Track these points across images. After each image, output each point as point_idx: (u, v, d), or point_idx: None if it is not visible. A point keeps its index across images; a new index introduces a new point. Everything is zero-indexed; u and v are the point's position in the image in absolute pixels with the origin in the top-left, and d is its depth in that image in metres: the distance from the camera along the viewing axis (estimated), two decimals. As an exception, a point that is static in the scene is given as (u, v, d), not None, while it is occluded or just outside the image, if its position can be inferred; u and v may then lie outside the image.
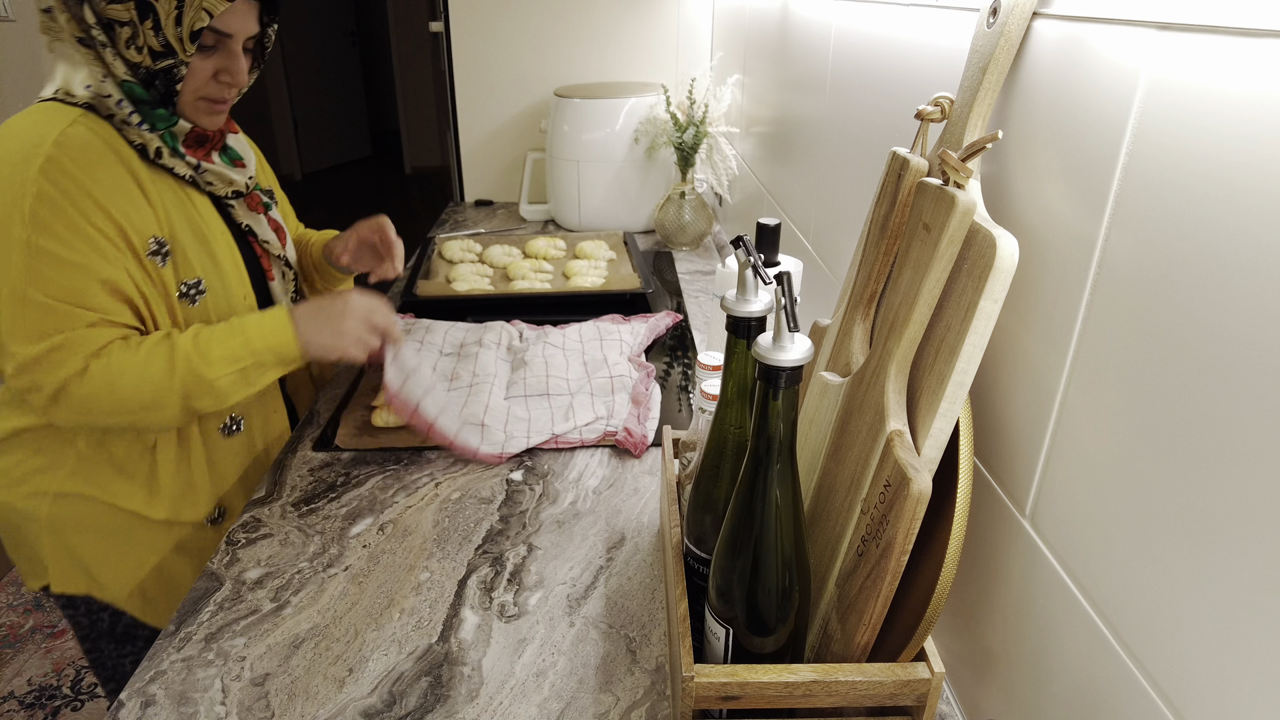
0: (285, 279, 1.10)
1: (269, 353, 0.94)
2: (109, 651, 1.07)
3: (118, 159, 0.88)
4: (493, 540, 0.86)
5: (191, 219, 0.95)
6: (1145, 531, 0.44)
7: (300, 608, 0.77)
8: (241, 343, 0.92)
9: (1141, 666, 0.44)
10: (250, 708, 0.66)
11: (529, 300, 1.42)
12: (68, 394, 0.86)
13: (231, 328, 0.93)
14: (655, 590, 0.79)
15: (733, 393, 0.60)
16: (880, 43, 0.83)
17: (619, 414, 1.06)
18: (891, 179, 0.64)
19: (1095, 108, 0.47)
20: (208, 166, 0.97)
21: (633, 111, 1.77)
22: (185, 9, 0.85)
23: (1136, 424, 0.44)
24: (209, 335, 0.92)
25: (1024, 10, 0.53)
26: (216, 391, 0.91)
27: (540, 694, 0.68)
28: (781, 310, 0.48)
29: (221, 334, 0.92)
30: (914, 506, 0.50)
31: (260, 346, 0.93)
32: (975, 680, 0.64)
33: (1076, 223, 0.49)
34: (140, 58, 0.87)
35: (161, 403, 0.88)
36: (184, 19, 0.85)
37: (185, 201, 0.95)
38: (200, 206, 0.97)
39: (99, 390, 0.86)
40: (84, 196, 0.84)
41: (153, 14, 0.85)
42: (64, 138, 0.84)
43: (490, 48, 1.98)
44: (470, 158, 2.11)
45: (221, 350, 0.91)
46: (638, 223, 1.87)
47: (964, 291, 0.52)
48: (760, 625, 0.55)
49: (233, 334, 0.93)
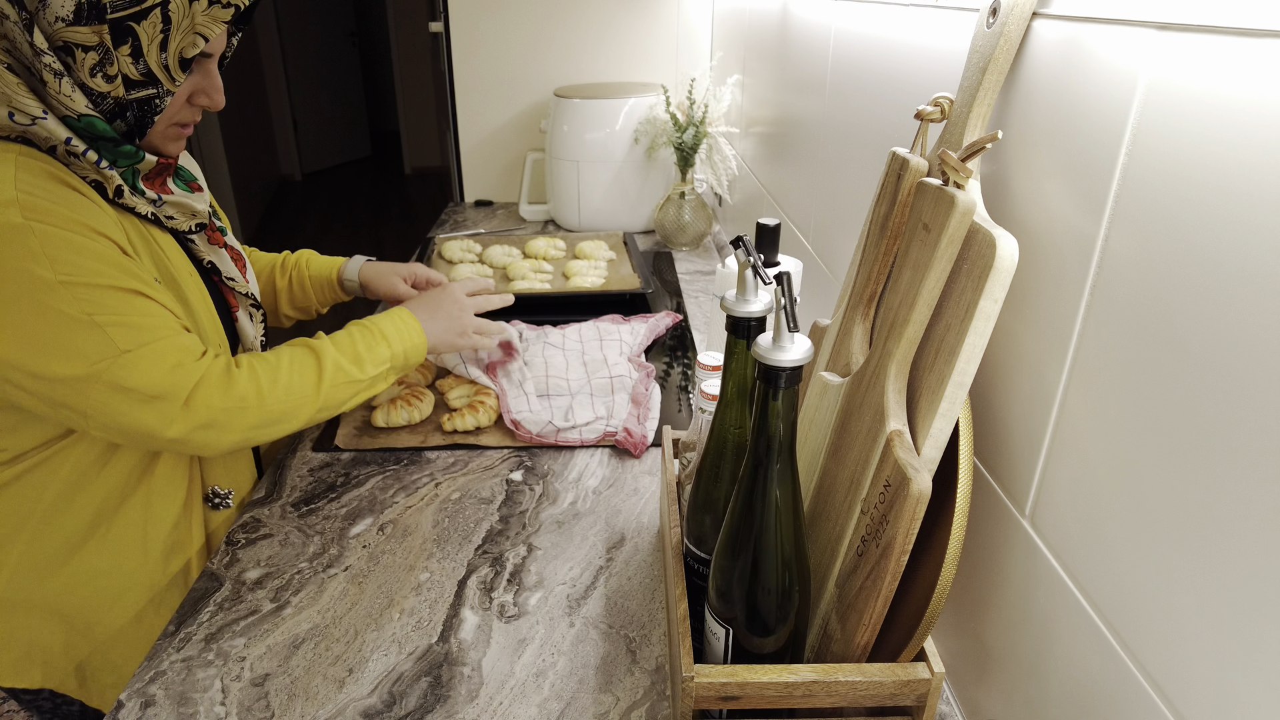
0: (254, 321, 0.98)
1: (408, 354, 0.93)
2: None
3: (79, 194, 0.76)
4: (493, 540, 0.86)
5: (159, 261, 0.84)
6: (1145, 531, 0.44)
7: (300, 608, 0.77)
8: (384, 345, 0.90)
9: (1141, 666, 0.44)
10: (250, 708, 0.66)
11: (529, 300, 1.42)
12: (205, 401, 0.77)
13: (369, 332, 0.91)
14: (655, 590, 0.79)
15: (733, 393, 0.60)
16: (880, 43, 0.83)
17: (619, 414, 1.06)
18: (891, 179, 0.64)
19: (1095, 108, 0.47)
20: (167, 199, 0.85)
21: (632, 112, 1.77)
22: (172, 33, 0.74)
23: (1136, 424, 0.44)
24: (349, 341, 0.89)
25: (1024, 10, 0.53)
26: (360, 386, 0.89)
27: (540, 694, 0.68)
28: (781, 310, 0.48)
29: (361, 338, 0.90)
30: (914, 506, 0.50)
31: (400, 349, 0.92)
32: (975, 680, 0.64)
33: (1076, 223, 0.49)
34: (109, 87, 0.74)
35: (298, 412, 0.84)
36: (169, 45, 0.74)
37: (150, 242, 0.84)
38: (165, 246, 0.86)
39: (248, 396, 0.80)
40: (81, 228, 0.74)
41: (132, 39, 0.72)
42: (20, 181, 0.72)
43: (490, 48, 1.98)
44: (470, 158, 2.11)
45: (370, 354, 0.89)
46: (637, 223, 1.87)
47: (964, 291, 0.52)
48: (760, 625, 0.55)
49: (374, 339, 0.90)
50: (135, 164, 0.81)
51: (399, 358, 0.92)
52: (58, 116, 0.75)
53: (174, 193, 0.87)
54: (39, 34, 0.71)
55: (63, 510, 0.85)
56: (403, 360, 0.93)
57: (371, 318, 0.95)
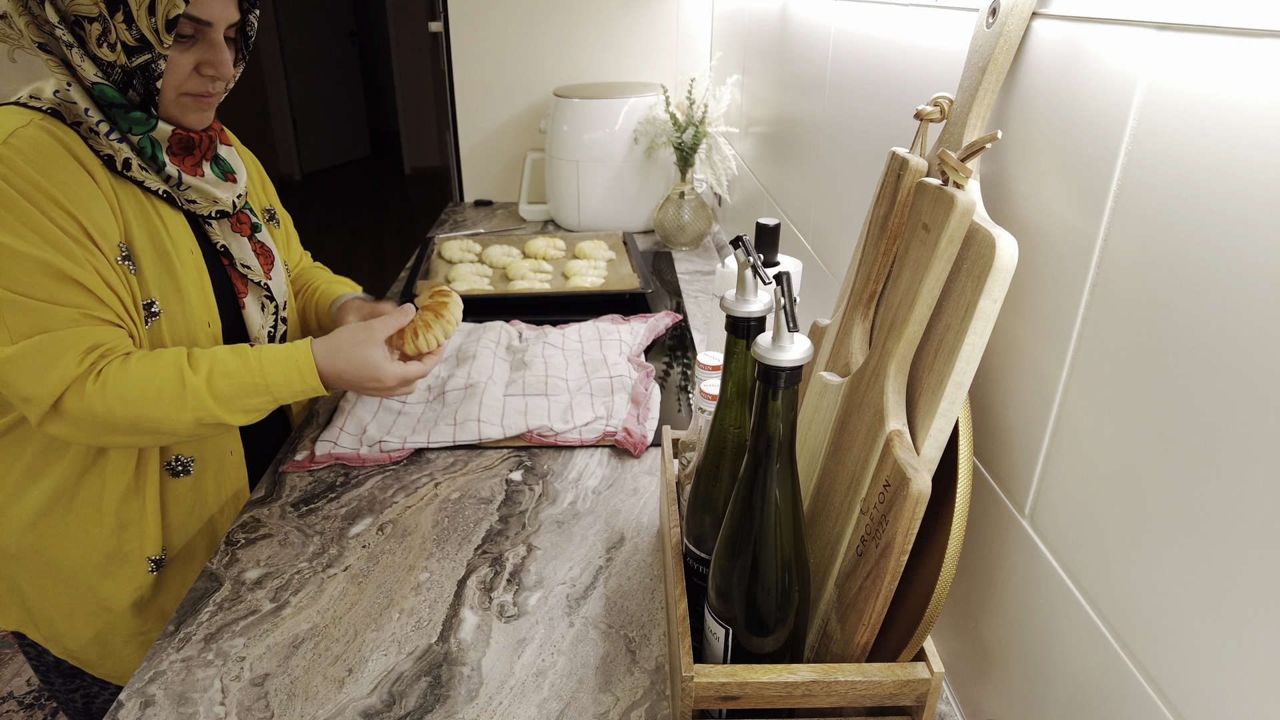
0: (265, 310, 1.00)
1: (295, 397, 0.89)
2: (59, 685, 1.02)
3: (78, 164, 0.81)
4: (492, 540, 0.86)
5: (155, 235, 0.87)
6: (1144, 531, 0.44)
7: (300, 608, 0.77)
8: (264, 396, 0.86)
9: (1140, 665, 0.44)
10: (250, 708, 0.66)
11: (528, 300, 1.42)
12: (68, 408, 0.80)
13: (251, 374, 0.86)
14: (655, 590, 0.79)
15: (732, 393, 0.60)
16: (879, 43, 0.83)
17: (618, 414, 1.06)
18: (891, 179, 0.64)
19: (1095, 108, 0.47)
20: (192, 181, 0.89)
21: (632, 112, 1.77)
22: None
23: (1135, 423, 0.44)
24: (226, 384, 0.84)
25: (1023, 10, 0.53)
26: (227, 425, 0.86)
27: (540, 694, 0.68)
28: (781, 310, 0.48)
29: (241, 376, 0.85)
30: (913, 506, 0.50)
31: (284, 395, 0.88)
32: (975, 680, 0.64)
33: (1076, 222, 0.49)
34: (114, 55, 0.80)
35: (171, 430, 0.83)
36: (157, 8, 0.78)
37: (151, 216, 0.87)
38: (169, 222, 0.89)
39: (111, 404, 0.80)
40: (38, 193, 0.77)
41: (123, 6, 0.77)
42: (15, 138, 0.78)
43: (490, 48, 1.98)
44: (470, 158, 2.11)
45: (241, 402, 0.85)
46: (637, 223, 1.87)
47: (963, 291, 0.52)
48: (760, 625, 0.55)
49: (253, 387, 0.86)
50: (149, 131, 0.84)
51: (279, 402, 0.88)
52: (82, 87, 0.81)
53: (205, 176, 0.91)
54: (50, 9, 0.78)
55: (35, 477, 0.90)
56: (288, 393, 0.88)
57: (266, 358, 0.88)
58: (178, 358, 0.84)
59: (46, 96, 0.83)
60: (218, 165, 0.94)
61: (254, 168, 1.08)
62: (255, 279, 0.98)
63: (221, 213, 0.94)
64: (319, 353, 0.90)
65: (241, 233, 0.97)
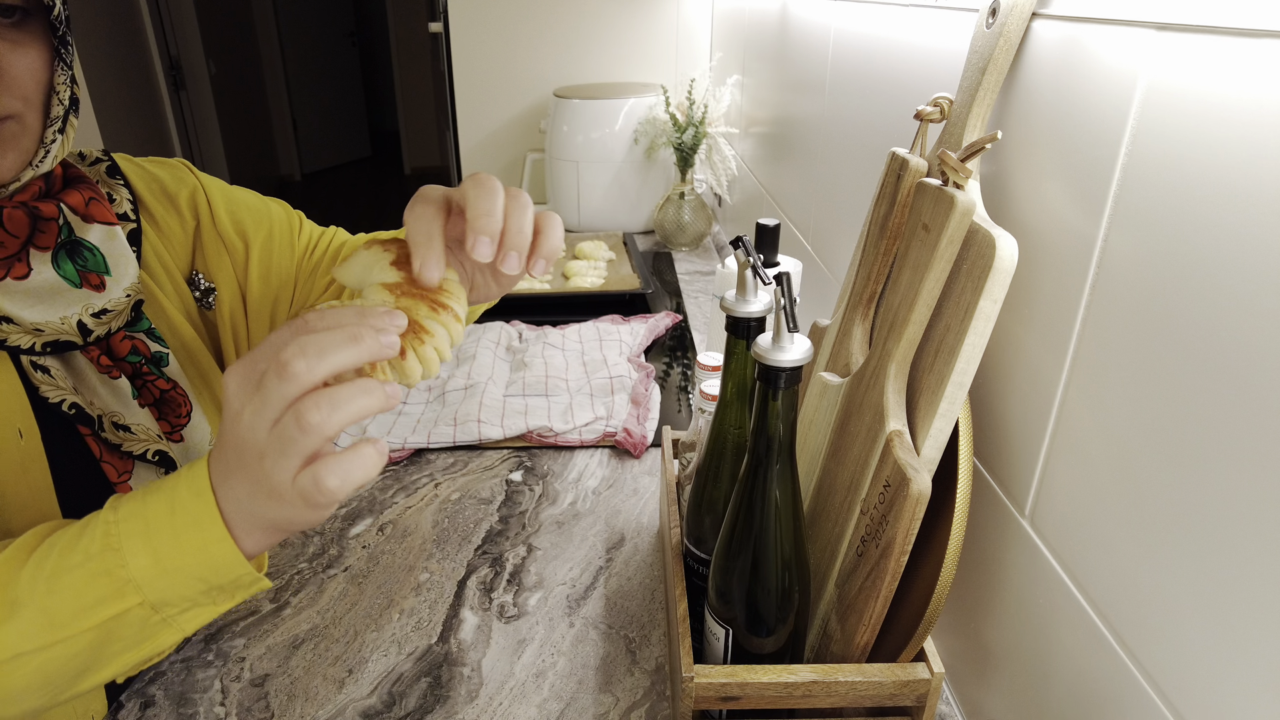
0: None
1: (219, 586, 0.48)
2: None
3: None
4: (492, 541, 0.86)
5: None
6: (1144, 531, 0.44)
7: (300, 608, 0.77)
8: (116, 602, 0.45)
9: (1140, 666, 0.44)
10: (250, 708, 0.66)
11: (528, 300, 1.42)
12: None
13: (93, 575, 0.45)
14: (655, 591, 0.79)
15: (732, 393, 0.60)
16: (879, 43, 0.83)
17: (618, 414, 1.06)
18: (891, 179, 0.64)
19: (1095, 108, 0.47)
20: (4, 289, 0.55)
21: (632, 112, 1.77)
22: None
23: (1136, 424, 0.44)
24: (55, 602, 0.45)
25: (1023, 11, 0.53)
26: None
27: (540, 694, 0.68)
28: (781, 310, 0.48)
29: (82, 584, 0.45)
30: (914, 507, 0.50)
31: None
32: (975, 680, 0.64)
33: (1076, 223, 0.49)
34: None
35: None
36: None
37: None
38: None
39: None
40: None
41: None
42: None
43: (490, 48, 1.98)
44: (470, 158, 2.11)
45: (74, 622, 0.45)
46: (637, 223, 1.87)
47: (963, 292, 0.52)
48: (760, 626, 0.55)
49: (98, 589, 0.45)
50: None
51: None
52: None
53: (29, 281, 0.56)
54: None
55: None
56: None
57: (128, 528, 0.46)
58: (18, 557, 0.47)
59: None
60: (72, 260, 0.59)
61: (241, 232, 0.73)
62: (139, 449, 0.62)
63: (58, 344, 0.57)
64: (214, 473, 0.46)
65: (113, 374, 0.61)
